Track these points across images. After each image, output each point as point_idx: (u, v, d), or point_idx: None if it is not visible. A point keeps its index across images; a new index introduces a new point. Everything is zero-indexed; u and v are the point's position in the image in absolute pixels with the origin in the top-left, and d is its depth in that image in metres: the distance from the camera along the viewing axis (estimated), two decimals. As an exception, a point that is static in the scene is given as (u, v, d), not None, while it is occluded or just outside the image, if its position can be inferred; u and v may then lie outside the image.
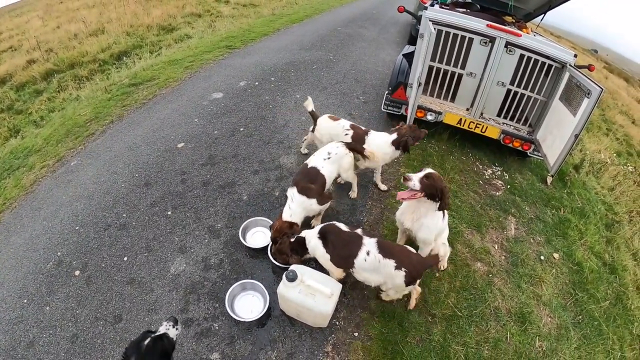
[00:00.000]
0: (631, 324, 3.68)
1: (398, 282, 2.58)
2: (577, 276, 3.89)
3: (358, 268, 2.65)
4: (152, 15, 11.72)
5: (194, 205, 3.77)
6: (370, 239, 2.66)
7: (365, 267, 2.63)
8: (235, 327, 2.75)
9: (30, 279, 3.10)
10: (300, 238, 2.84)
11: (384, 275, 2.62)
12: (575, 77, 3.94)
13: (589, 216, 4.87)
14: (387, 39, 10.37)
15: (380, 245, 2.61)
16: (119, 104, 5.73)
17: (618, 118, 13.19)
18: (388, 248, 2.61)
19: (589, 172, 6.34)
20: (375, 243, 2.62)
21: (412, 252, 2.70)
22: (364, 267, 2.63)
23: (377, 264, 2.57)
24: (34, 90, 8.00)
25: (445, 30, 4.40)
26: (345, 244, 2.67)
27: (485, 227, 4.00)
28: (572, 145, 3.78)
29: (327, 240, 2.71)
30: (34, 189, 4.15)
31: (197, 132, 4.90)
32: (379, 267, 2.59)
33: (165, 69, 6.99)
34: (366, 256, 2.59)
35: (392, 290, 2.74)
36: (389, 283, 2.65)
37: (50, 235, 3.47)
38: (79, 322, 2.77)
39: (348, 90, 6.47)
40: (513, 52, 4.33)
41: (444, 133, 5.30)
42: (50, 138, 5.09)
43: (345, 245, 2.66)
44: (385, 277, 2.62)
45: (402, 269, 2.53)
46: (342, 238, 2.70)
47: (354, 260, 2.63)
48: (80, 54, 9.17)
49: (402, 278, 2.55)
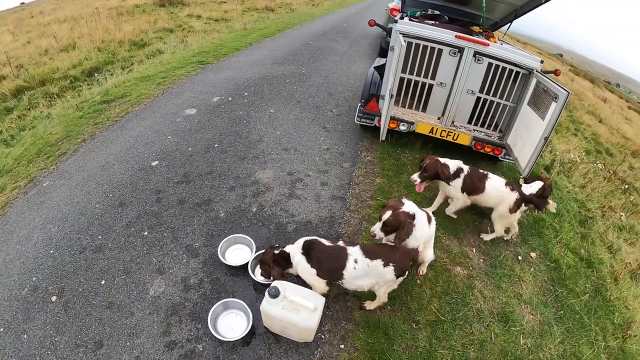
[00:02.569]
0: (612, 314, 3.78)
1: (389, 277, 2.69)
2: (555, 273, 3.99)
3: (348, 278, 2.71)
4: (124, 30, 11.58)
5: (171, 224, 3.70)
6: (353, 247, 2.73)
7: (357, 275, 2.69)
8: (219, 347, 2.70)
9: (5, 306, 2.96)
10: (284, 252, 2.85)
11: (375, 277, 2.71)
12: (542, 82, 4.09)
13: (562, 214, 5.02)
14: (358, 52, 10.56)
15: (364, 250, 2.69)
16: (90, 122, 5.60)
17: (585, 118, 13.73)
18: (372, 250, 2.71)
19: (559, 171, 6.56)
20: (359, 250, 2.70)
21: (394, 247, 2.78)
22: (354, 276, 2.70)
23: (367, 268, 2.66)
24: (4, 108, 7.73)
25: (415, 42, 4.51)
26: (331, 258, 2.71)
27: (462, 231, 4.08)
28: (542, 148, 3.91)
29: (311, 256, 2.74)
30: (6, 211, 3.99)
31: (171, 150, 4.84)
32: (369, 271, 2.68)
33: (137, 85, 6.90)
34: (355, 264, 2.66)
35: (384, 287, 2.82)
36: (381, 281, 2.74)
37: (24, 260, 3.34)
38: (59, 350, 2.66)
39: (321, 104, 6.54)
40: (481, 61, 4.48)
41: (416, 142, 5.42)
42: (21, 158, 4.93)
43: (332, 259, 2.71)
44: (377, 277, 2.71)
45: (390, 264, 2.63)
46: (326, 252, 2.74)
47: (343, 271, 2.68)
48: (51, 70, 8.96)
49: (392, 273, 2.65)
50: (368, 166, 4.95)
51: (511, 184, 3.79)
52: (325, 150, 5.16)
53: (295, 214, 3.96)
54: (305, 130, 5.59)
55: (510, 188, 3.75)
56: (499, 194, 3.77)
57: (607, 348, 3.40)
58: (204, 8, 15.91)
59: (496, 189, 3.79)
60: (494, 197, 3.82)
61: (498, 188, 3.79)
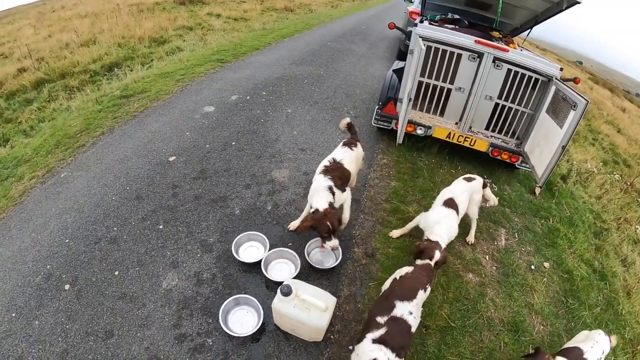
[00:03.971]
0: (623, 328, 3.73)
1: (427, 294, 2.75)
2: (568, 284, 3.95)
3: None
4: (144, 27, 11.73)
5: (186, 219, 3.75)
6: (400, 302, 2.41)
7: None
8: (229, 343, 2.73)
9: (18, 292, 3.03)
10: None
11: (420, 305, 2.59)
12: (562, 90, 4.04)
13: (577, 225, 4.95)
14: (377, 54, 10.55)
15: (403, 296, 2.45)
16: (109, 116, 5.70)
17: (604, 128, 13.51)
18: (408, 289, 2.52)
19: (576, 181, 6.46)
20: (404, 302, 2.42)
21: (411, 268, 2.74)
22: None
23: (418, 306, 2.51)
24: (24, 99, 7.91)
25: (434, 46, 4.50)
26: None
27: (476, 238, 4.05)
28: (559, 157, 3.87)
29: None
30: (23, 200, 4.08)
31: (188, 146, 4.90)
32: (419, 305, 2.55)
33: (156, 81, 7.00)
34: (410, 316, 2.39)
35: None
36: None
37: (39, 248, 3.41)
38: (69, 337, 2.72)
39: (339, 105, 6.55)
40: (500, 67, 4.44)
41: (433, 147, 5.39)
42: (40, 148, 5.04)
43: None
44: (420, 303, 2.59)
45: (426, 286, 2.63)
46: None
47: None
48: (71, 64, 9.13)
49: (429, 289, 2.68)
50: (384, 169, 4.94)
51: None
52: (341, 151, 5.16)
53: (310, 214, 3.97)
54: (322, 131, 5.61)
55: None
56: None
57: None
58: (223, 7, 16.04)
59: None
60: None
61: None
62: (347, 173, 3.54)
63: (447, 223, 3.26)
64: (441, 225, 3.22)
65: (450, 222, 3.30)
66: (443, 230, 3.17)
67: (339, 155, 3.58)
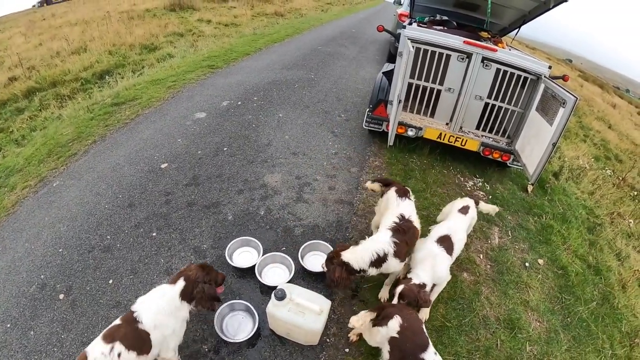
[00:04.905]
0: (619, 321, 3.76)
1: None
2: (563, 280, 3.97)
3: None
4: (135, 34, 11.73)
5: (179, 226, 3.74)
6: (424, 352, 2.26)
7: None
8: (225, 349, 2.72)
9: (13, 303, 3.00)
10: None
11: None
12: (551, 87, 4.08)
13: (570, 221, 4.99)
14: (367, 57, 10.61)
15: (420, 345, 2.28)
16: (101, 124, 5.68)
17: (595, 124, 13.63)
18: (418, 335, 2.32)
19: (568, 178, 6.52)
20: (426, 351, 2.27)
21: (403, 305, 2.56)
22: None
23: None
24: (16, 108, 7.86)
25: (423, 47, 4.52)
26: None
27: (469, 237, 4.06)
28: (550, 154, 3.90)
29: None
30: (16, 210, 4.05)
31: (180, 152, 4.89)
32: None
33: (147, 88, 6.99)
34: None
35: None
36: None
37: (32, 258, 3.39)
38: (65, 347, 2.70)
39: (330, 109, 6.58)
40: (489, 67, 4.48)
41: (424, 148, 5.42)
42: (31, 158, 5.01)
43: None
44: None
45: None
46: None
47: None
48: (62, 72, 9.10)
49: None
50: (376, 171, 4.96)
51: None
52: (333, 154, 5.18)
53: (303, 218, 3.98)
54: (314, 134, 5.63)
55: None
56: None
57: (615, 356, 3.38)
58: (214, 13, 16.07)
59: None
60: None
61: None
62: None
63: (432, 264, 2.85)
64: (425, 264, 2.85)
65: (439, 264, 2.88)
66: (426, 272, 2.80)
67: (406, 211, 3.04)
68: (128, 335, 2.13)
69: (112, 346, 2.06)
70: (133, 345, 2.13)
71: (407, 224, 2.90)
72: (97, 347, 2.07)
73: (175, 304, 2.32)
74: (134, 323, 2.18)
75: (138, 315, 2.21)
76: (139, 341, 2.16)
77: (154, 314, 2.23)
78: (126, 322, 2.20)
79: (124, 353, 2.08)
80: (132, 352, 2.11)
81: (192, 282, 2.38)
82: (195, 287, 2.38)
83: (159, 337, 2.24)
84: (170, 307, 2.30)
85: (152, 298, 2.32)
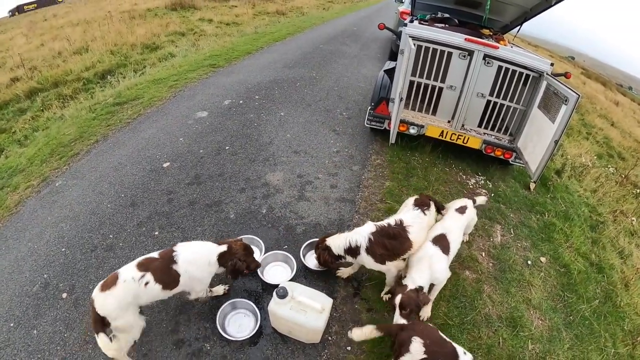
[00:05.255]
0: (622, 320, 3.75)
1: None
2: (565, 278, 3.96)
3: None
4: (136, 33, 11.75)
5: (181, 225, 3.75)
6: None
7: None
8: (227, 347, 2.72)
9: (16, 302, 3.02)
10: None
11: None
12: (553, 85, 4.07)
13: (573, 219, 4.97)
14: (369, 55, 10.59)
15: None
16: (103, 124, 5.70)
17: (597, 121, 13.56)
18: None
19: (571, 176, 6.50)
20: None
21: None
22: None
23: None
24: (18, 109, 7.90)
25: (424, 45, 4.51)
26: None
27: (472, 235, 4.06)
28: (552, 151, 3.88)
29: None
30: (19, 209, 4.07)
31: (182, 152, 4.90)
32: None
33: (149, 88, 7.00)
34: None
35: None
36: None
37: (36, 257, 3.41)
38: (68, 346, 2.71)
39: (332, 107, 6.58)
40: (491, 64, 4.46)
41: (426, 146, 5.41)
42: (34, 158, 5.03)
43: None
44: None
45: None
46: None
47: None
48: (64, 73, 9.13)
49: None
50: (378, 169, 4.96)
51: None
52: (335, 153, 5.18)
53: (305, 216, 3.98)
54: (316, 133, 5.63)
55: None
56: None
57: (617, 355, 3.37)
58: (215, 12, 16.09)
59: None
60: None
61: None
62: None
63: (428, 265, 2.80)
64: (421, 266, 2.80)
65: (435, 263, 2.82)
66: (422, 273, 2.76)
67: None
68: (160, 270, 2.45)
69: (143, 274, 2.39)
70: (162, 279, 2.44)
71: (398, 230, 2.89)
72: (130, 271, 2.39)
73: (210, 260, 2.65)
74: (170, 262, 2.49)
75: (176, 256, 2.51)
76: (168, 278, 2.47)
77: (189, 261, 2.53)
78: (163, 259, 2.51)
79: (151, 283, 2.40)
80: (159, 285, 2.43)
81: (232, 253, 2.70)
82: (232, 258, 2.70)
83: (187, 280, 2.55)
84: (205, 261, 2.63)
85: (195, 248, 2.66)
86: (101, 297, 2.28)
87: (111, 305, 2.27)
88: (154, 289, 2.42)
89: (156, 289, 2.42)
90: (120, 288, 2.30)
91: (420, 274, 2.75)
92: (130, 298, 2.34)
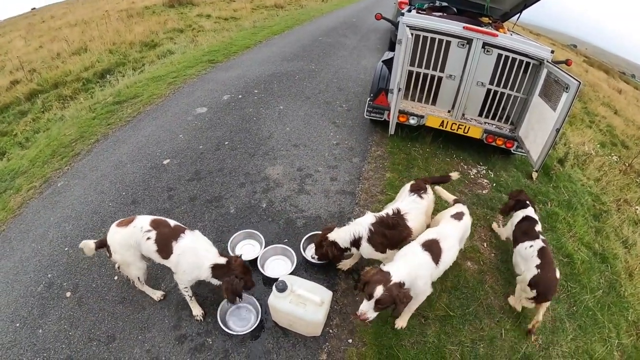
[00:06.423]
0: (626, 310, 3.72)
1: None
2: (569, 268, 3.93)
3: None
4: (134, 32, 11.73)
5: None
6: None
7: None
8: (228, 341, 2.74)
9: (21, 302, 3.05)
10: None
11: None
12: (553, 72, 4.02)
13: (576, 208, 4.93)
14: (368, 47, 10.52)
15: None
16: (103, 123, 5.71)
17: (600, 110, 13.42)
18: None
19: (573, 164, 6.44)
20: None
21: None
22: None
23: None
24: (19, 111, 7.91)
25: (422, 34, 4.47)
26: None
27: (473, 225, 4.03)
28: (554, 140, 3.86)
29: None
30: (22, 211, 4.09)
31: (182, 148, 4.90)
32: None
33: (148, 85, 7.00)
34: None
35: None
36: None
37: (40, 258, 3.43)
38: (73, 344, 2.74)
39: (331, 99, 6.56)
40: (491, 52, 4.41)
41: (427, 136, 5.38)
42: (36, 159, 5.05)
43: None
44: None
45: None
46: None
47: None
48: (63, 74, 9.14)
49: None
50: (378, 161, 4.94)
51: None
52: (335, 145, 5.17)
53: (305, 210, 3.97)
54: (315, 126, 5.61)
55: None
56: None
57: (621, 345, 3.34)
58: (213, 7, 16.00)
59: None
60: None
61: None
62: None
63: (414, 265, 2.56)
64: (406, 260, 2.58)
65: (420, 271, 2.57)
66: (404, 267, 2.51)
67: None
68: (163, 236, 2.64)
69: (152, 230, 2.65)
70: (159, 244, 2.64)
71: (397, 219, 2.91)
72: (145, 222, 2.69)
73: (201, 265, 2.64)
74: (173, 237, 2.64)
75: (181, 238, 2.64)
76: (165, 247, 2.64)
77: (185, 249, 2.62)
78: (173, 231, 2.68)
79: (151, 241, 2.63)
80: (155, 246, 2.64)
81: (230, 269, 2.64)
82: (228, 273, 2.63)
83: (175, 261, 2.64)
84: (195, 262, 2.64)
85: (198, 244, 2.69)
86: (113, 230, 2.72)
87: (116, 240, 2.67)
88: (151, 247, 2.64)
89: (153, 248, 2.64)
90: (128, 230, 2.66)
91: (404, 266, 2.50)
92: (133, 242, 2.65)
